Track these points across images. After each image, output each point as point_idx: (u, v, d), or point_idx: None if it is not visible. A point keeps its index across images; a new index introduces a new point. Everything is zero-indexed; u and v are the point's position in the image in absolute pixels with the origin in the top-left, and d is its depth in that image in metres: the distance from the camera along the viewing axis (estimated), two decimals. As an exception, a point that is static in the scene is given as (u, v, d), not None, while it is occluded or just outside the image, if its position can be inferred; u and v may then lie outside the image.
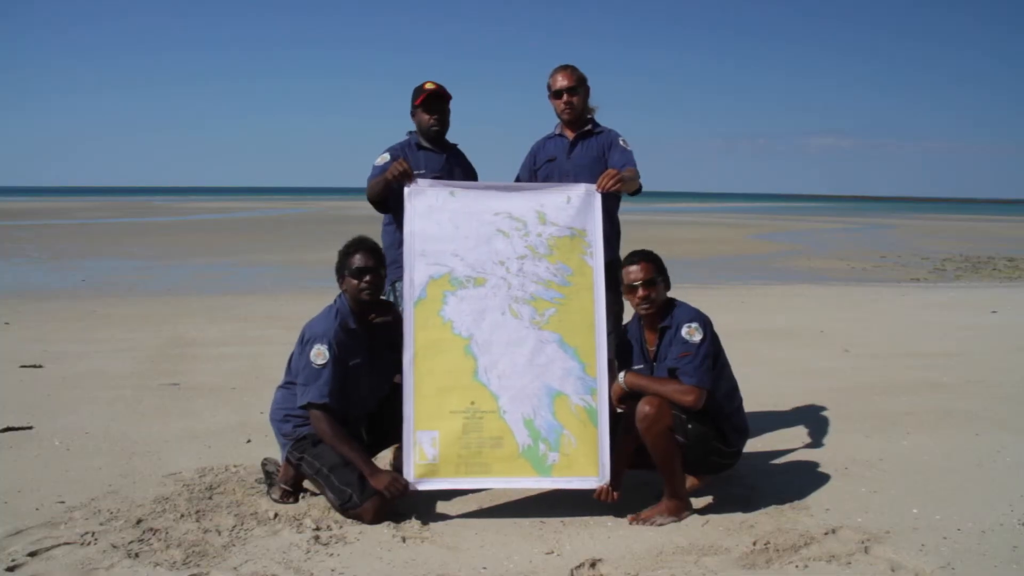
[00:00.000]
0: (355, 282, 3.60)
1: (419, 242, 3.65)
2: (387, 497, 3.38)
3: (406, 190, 3.72)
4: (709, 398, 3.41)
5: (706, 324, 3.48)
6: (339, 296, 3.71)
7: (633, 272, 3.53)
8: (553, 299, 3.61)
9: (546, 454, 3.50)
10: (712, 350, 3.45)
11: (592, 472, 3.49)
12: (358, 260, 3.61)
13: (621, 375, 3.57)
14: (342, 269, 3.66)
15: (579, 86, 4.14)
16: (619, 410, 3.61)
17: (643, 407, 3.38)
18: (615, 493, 3.49)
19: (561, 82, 4.13)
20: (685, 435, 3.41)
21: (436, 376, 3.55)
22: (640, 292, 3.51)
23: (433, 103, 4.11)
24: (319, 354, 3.51)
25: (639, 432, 3.40)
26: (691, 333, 3.43)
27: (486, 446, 3.50)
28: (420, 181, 3.76)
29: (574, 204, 3.68)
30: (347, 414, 3.61)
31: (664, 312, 3.54)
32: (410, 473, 3.49)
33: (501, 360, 3.56)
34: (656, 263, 3.57)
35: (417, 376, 3.55)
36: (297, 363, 3.63)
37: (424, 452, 3.51)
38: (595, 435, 3.51)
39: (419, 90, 4.13)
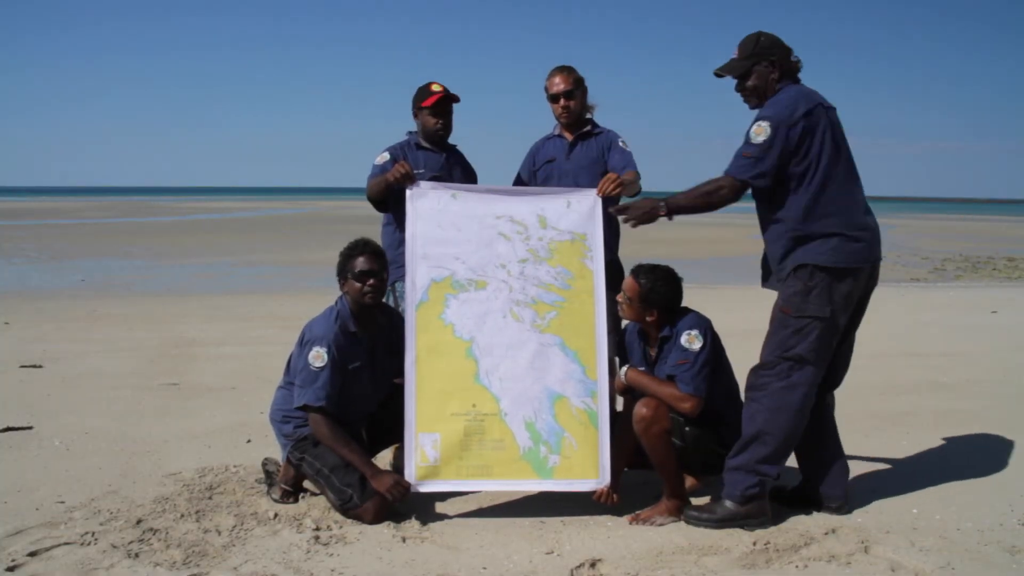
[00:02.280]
0: (358, 285, 3.58)
1: (421, 245, 3.65)
2: (388, 499, 3.38)
3: (408, 192, 3.72)
4: (707, 403, 3.40)
5: (706, 332, 3.46)
6: (339, 298, 3.70)
7: (625, 279, 3.59)
8: (554, 302, 3.62)
9: (547, 456, 3.50)
10: (711, 357, 3.44)
11: (592, 475, 3.50)
12: (362, 263, 3.58)
13: (623, 369, 3.57)
14: (344, 271, 3.63)
15: (576, 89, 4.10)
16: (619, 409, 3.61)
17: (640, 409, 3.38)
18: (615, 495, 3.49)
19: (558, 86, 4.10)
20: (682, 438, 3.41)
21: (437, 379, 3.55)
22: (618, 296, 3.60)
23: (441, 107, 4.09)
24: (317, 356, 3.50)
25: (636, 433, 3.41)
26: (691, 341, 3.42)
27: (487, 448, 3.50)
28: (422, 184, 3.76)
29: (575, 209, 3.68)
30: (346, 416, 3.61)
31: (662, 323, 3.53)
32: (411, 475, 3.49)
33: (502, 363, 3.56)
34: (644, 291, 3.48)
35: (419, 378, 3.55)
36: (296, 364, 3.62)
37: (425, 454, 3.51)
38: (596, 438, 3.51)
39: (426, 91, 4.09)
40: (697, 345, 3.40)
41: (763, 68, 3.40)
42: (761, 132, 3.28)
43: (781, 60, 3.40)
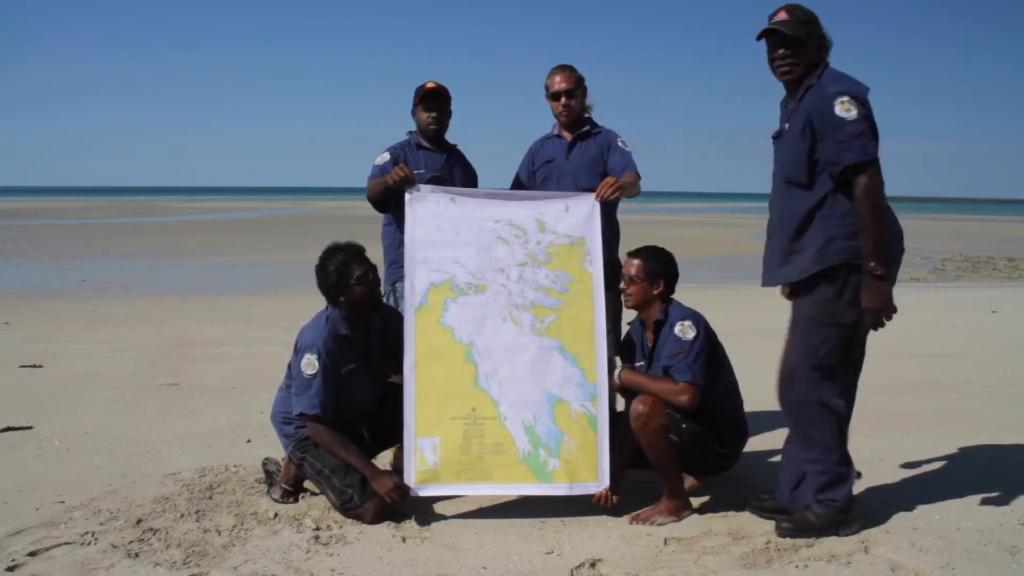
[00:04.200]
0: (365, 286, 3.55)
1: (420, 249, 3.65)
2: (388, 501, 3.38)
3: (407, 196, 3.72)
4: (705, 397, 3.41)
5: (699, 322, 3.48)
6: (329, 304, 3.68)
7: (624, 264, 3.62)
8: (553, 306, 3.62)
9: (547, 460, 3.50)
10: (706, 347, 3.45)
11: (592, 478, 3.49)
12: (358, 268, 3.55)
13: (617, 371, 3.58)
14: (341, 284, 3.55)
15: (577, 88, 4.10)
16: (619, 410, 3.61)
17: (636, 406, 3.39)
18: (614, 498, 3.49)
19: (559, 84, 4.10)
20: (679, 434, 3.41)
21: (437, 382, 3.54)
22: (621, 284, 3.61)
23: (432, 101, 4.11)
24: (309, 364, 3.50)
25: (634, 431, 3.41)
26: (684, 331, 3.43)
27: (487, 452, 3.50)
28: (421, 187, 3.76)
29: (573, 213, 3.69)
30: (346, 416, 3.60)
31: (662, 299, 3.56)
32: (411, 479, 3.48)
33: (502, 367, 3.56)
34: (648, 264, 3.55)
35: (418, 382, 3.54)
36: (294, 369, 3.62)
37: (425, 458, 3.50)
38: (595, 441, 3.51)
39: (420, 88, 4.14)
40: (691, 335, 3.42)
41: (814, 42, 3.19)
42: (850, 107, 3.05)
43: (823, 43, 3.24)
